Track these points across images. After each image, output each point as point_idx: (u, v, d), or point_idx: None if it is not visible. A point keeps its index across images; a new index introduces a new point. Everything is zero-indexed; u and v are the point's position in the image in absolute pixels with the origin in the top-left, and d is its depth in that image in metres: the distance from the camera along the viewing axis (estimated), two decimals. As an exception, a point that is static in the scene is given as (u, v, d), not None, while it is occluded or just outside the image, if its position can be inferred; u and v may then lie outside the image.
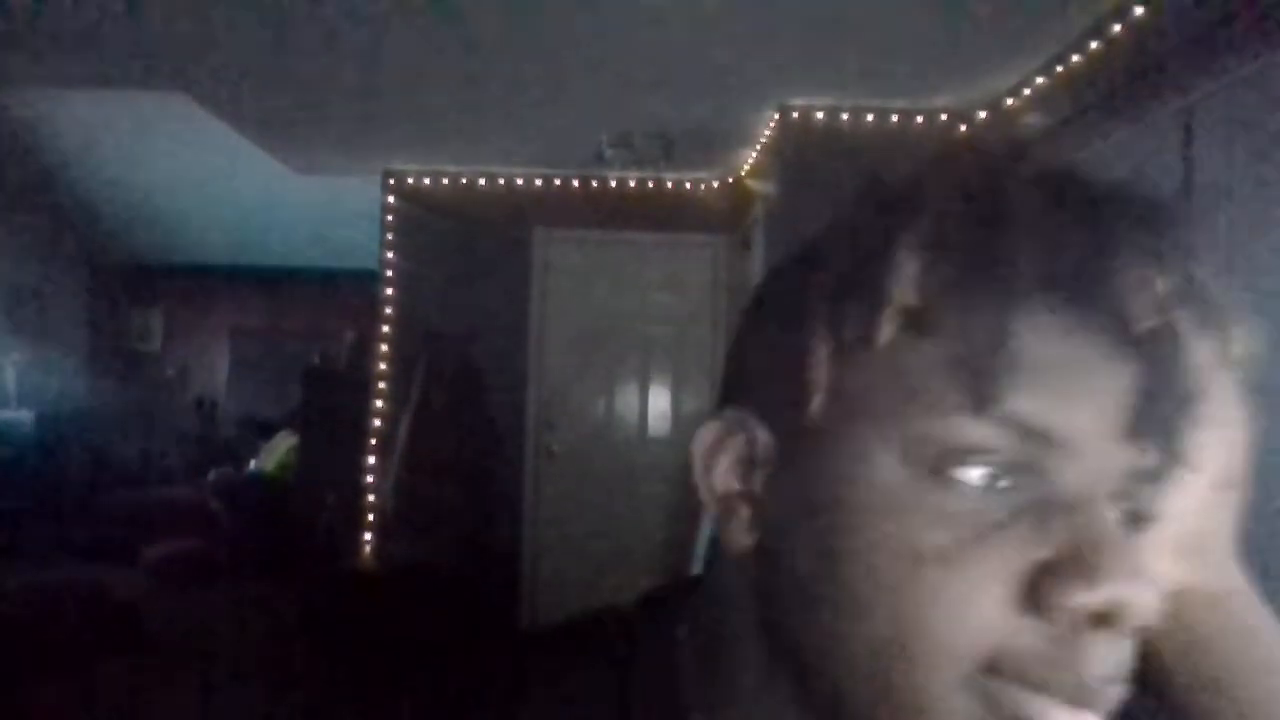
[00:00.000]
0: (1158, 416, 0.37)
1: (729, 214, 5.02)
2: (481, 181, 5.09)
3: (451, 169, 5.08)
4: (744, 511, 0.46)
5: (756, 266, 4.51)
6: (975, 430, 0.37)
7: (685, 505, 4.81)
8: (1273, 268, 2.19)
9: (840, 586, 0.40)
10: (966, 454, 0.38)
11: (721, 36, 3.23)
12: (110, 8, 3.11)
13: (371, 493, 4.96)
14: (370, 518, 4.95)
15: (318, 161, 5.09)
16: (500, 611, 4.85)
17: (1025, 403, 0.37)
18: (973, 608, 0.37)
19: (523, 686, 0.60)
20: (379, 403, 5.02)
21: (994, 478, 0.38)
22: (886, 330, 0.40)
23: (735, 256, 5.06)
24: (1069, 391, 0.37)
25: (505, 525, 5.01)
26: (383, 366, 5.04)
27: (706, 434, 0.47)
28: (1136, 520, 0.40)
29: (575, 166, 4.94)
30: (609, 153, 4.46)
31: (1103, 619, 0.37)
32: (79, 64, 3.77)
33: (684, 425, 5.16)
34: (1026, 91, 3.49)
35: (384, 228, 5.11)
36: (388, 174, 5.09)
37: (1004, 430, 0.37)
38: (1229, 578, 0.49)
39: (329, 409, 5.68)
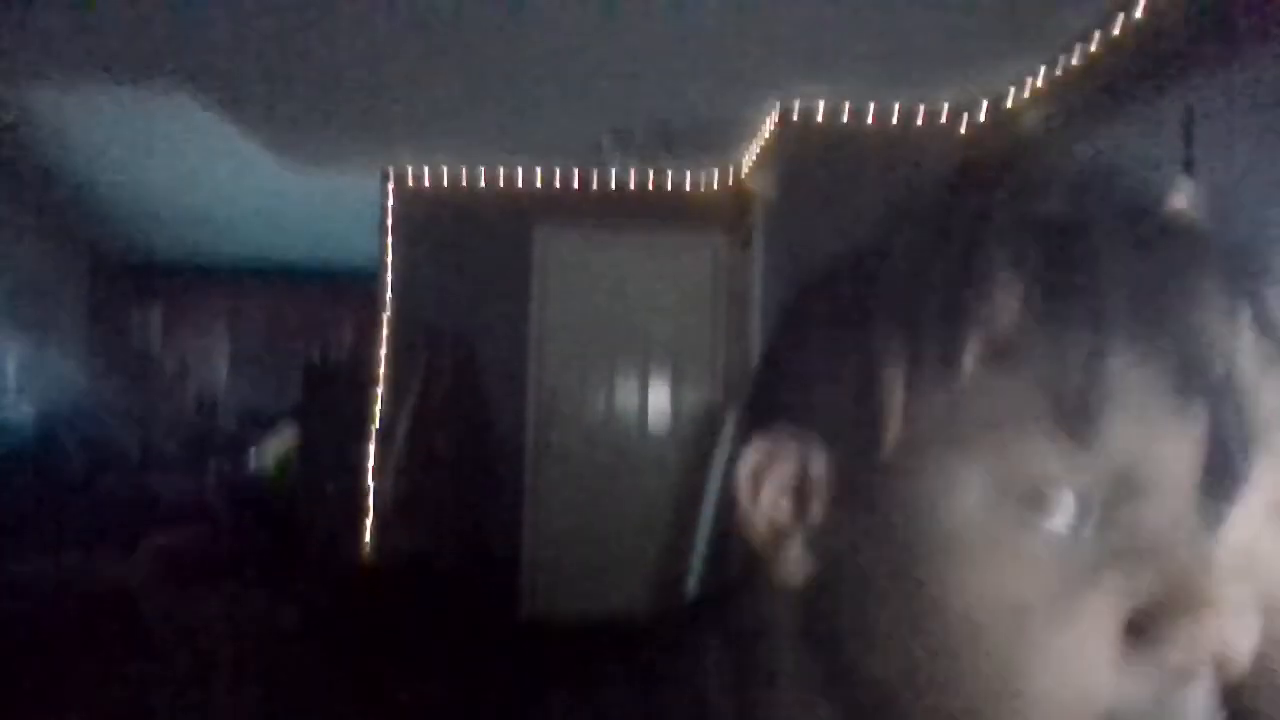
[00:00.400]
0: (1229, 462, 0.36)
1: (729, 211, 5.02)
2: (481, 178, 5.09)
3: (452, 165, 5.08)
4: (797, 542, 0.42)
5: (756, 264, 4.51)
6: (1066, 460, 0.36)
7: (685, 501, 4.81)
8: (1275, 260, 2.18)
9: (923, 633, 0.38)
10: (1059, 489, 0.36)
11: (722, 33, 3.23)
12: (111, 3, 3.11)
13: (371, 488, 4.96)
14: (370, 513, 4.95)
15: (318, 158, 5.09)
16: (500, 606, 4.85)
17: (1118, 439, 0.36)
18: (1075, 659, 0.36)
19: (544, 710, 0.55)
20: (379, 398, 5.02)
21: (1084, 518, 0.36)
22: (970, 360, 0.38)
23: (735, 254, 5.06)
24: (1156, 432, 0.36)
25: (504, 521, 5.01)
26: (382, 363, 5.04)
27: (754, 454, 0.43)
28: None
29: (575, 163, 4.94)
30: (609, 150, 4.46)
31: (1206, 661, 0.35)
32: (79, 61, 3.77)
33: (683, 421, 5.16)
34: (1028, 88, 3.49)
35: (384, 224, 5.11)
36: (387, 170, 5.09)
37: (1097, 461, 0.36)
38: None
39: (329, 405, 5.67)
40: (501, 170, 5.08)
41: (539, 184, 5.10)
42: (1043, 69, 3.35)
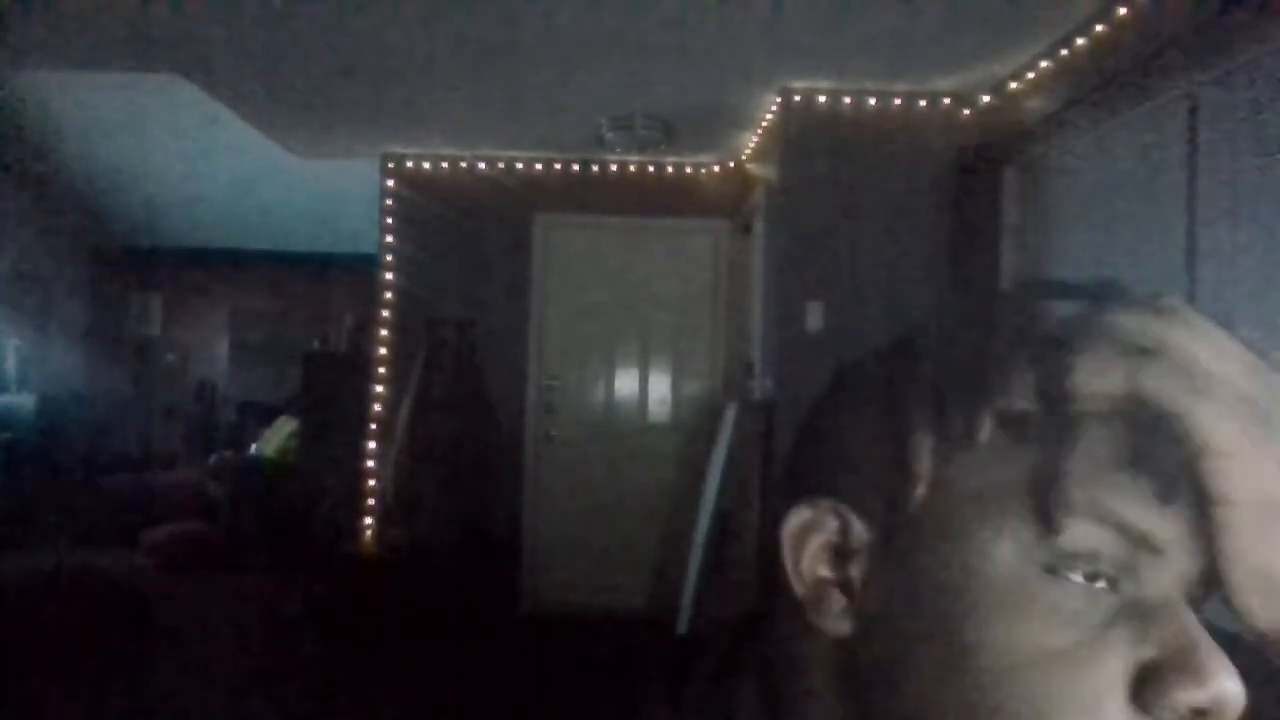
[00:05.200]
0: (1200, 523, 0.40)
1: (730, 198, 5.01)
2: (481, 165, 5.07)
3: (451, 153, 5.06)
4: (837, 599, 0.47)
5: (758, 250, 4.49)
6: (1084, 532, 0.40)
7: (685, 491, 4.81)
8: (1277, 248, 2.18)
9: (956, 684, 0.42)
10: (1077, 555, 0.40)
11: (723, 19, 3.21)
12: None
13: (372, 477, 4.96)
14: (370, 502, 4.95)
15: (317, 145, 5.07)
16: (499, 596, 4.86)
17: (1130, 508, 0.40)
18: (1094, 708, 0.39)
19: None
20: (379, 387, 5.02)
21: (1097, 579, 0.41)
22: (991, 433, 0.42)
23: (736, 240, 5.05)
24: (1160, 500, 0.40)
25: (505, 510, 5.02)
26: (383, 351, 5.04)
27: (796, 519, 0.48)
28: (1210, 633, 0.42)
29: (575, 150, 4.92)
30: (609, 136, 4.44)
31: (1203, 715, 0.39)
32: (78, 47, 3.75)
33: (684, 411, 5.15)
34: (1030, 75, 3.47)
35: (383, 212, 5.09)
36: (387, 158, 5.07)
37: (1110, 533, 0.40)
38: None
39: (329, 394, 5.68)
40: (501, 158, 5.06)
41: (539, 170, 5.08)
42: (1046, 54, 3.33)
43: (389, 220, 5.09)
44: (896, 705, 0.44)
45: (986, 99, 3.80)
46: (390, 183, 5.09)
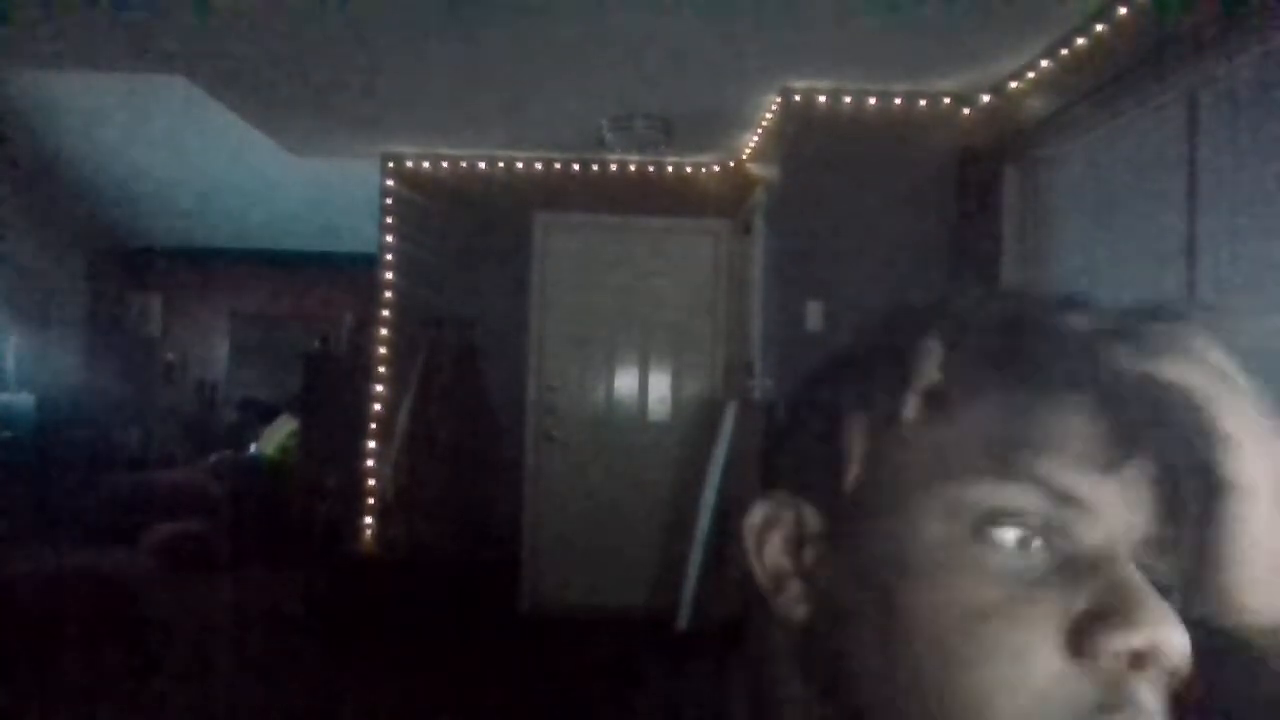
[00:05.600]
0: (1167, 492, 0.43)
1: (730, 198, 5.01)
2: (481, 165, 5.07)
3: (451, 152, 5.06)
4: (795, 586, 0.49)
5: (758, 250, 4.49)
6: (1008, 493, 0.42)
7: (685, 490, 4.81)
8: (1277, 247, 2.18)
9: (896, 649, 0.43)
10: (1002, 515, 0.42)
11: (723, 18, 3.21)
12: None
13: (372, 477, 4.96)
14: (370, 502, 4.95)
15: (317, 144, 5.07)
16: (499, 595, 4.86)
17: (1053, 470, 0.42)
18: (1025, 658, 0.41)
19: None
20: (379, 387, 5.02)
21: (1028, 538, 0.42)
22: (913, 408, 0.45)
23: (736, 240, 5.05)
24: (1091, 463, 0.42)
25: (505, 509, 5.02)
26: (383, 351, 5.04)
27: (756, 514, 0.51)
28: (1160, 590, 0.42)
29: (576, 150, 4.92)
30: (609, 136, 4.44)
31: (1141, 660, 0.40)
32: (77, 47, 3.75)
33: (684, 411, 5.15)
34: (1030, 75, 3.47)
35: (383, 211, 5.09)
36: (387, 157, 5.07)
37: (1034, 494, 0.42)
38: None
39: (329, 393, 5.67)
40: (501, 158, 5.06)
41: (539, 170, 5.08)
42: (1046, 53, 3.33)
43: (389, 220, 5.08)
44: (849, 681, 0.46)
45: (987, 99, 3.80)
46: (390, 182, 5.09)
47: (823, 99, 3.92)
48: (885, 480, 0.46)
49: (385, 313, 5.05)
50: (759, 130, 4.42)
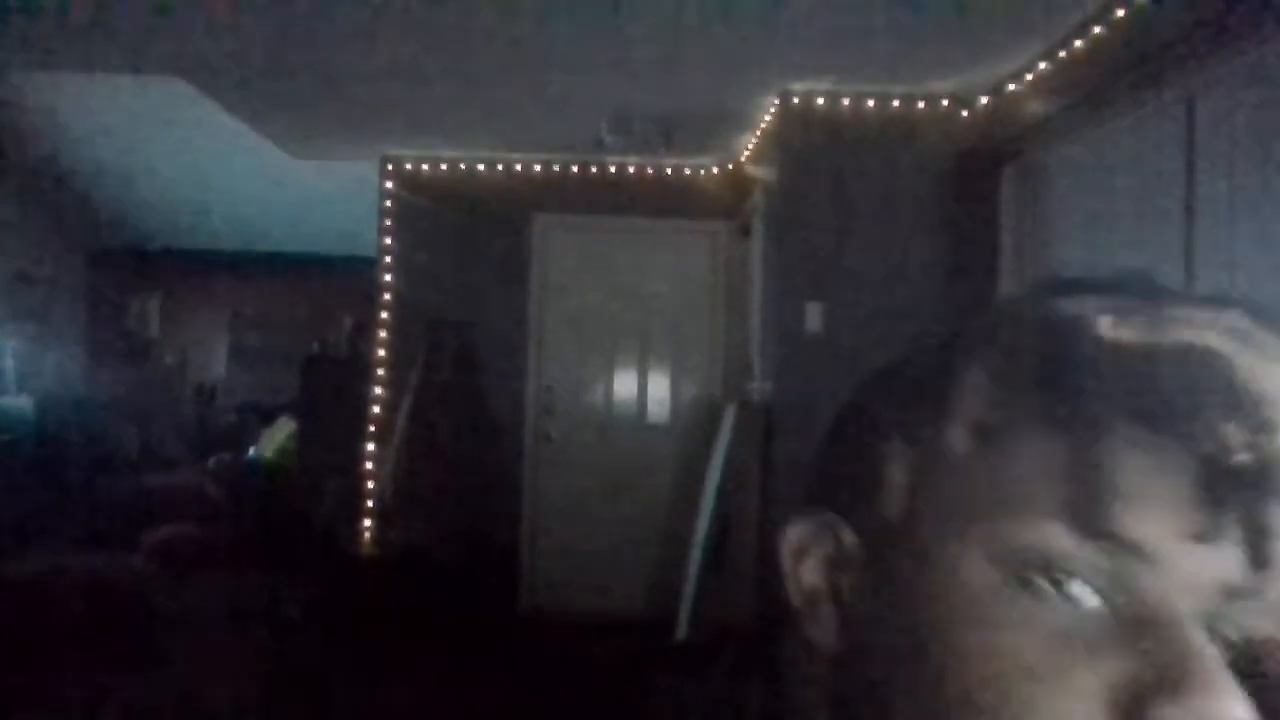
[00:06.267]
0: (1249, 538, 0.37)
1: (729, 200, 5.01)
2: (480, 166, 5.07)
3: (450, 154, 5.06)
4: (829, 611, 0.46)
5: (756, 252, 4.49)
6: (1075, 544, 0.38)
7: (683, 492, 4.81)
8: (1275, 249, 2.18)
9: (930, 698, 0.40)
10: (1055, 564, 0.38)
11: (722, 20, 3.21)
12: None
13: (370, 479, 4.96)
14: (369, 504, 4.95)
15: (316, 147, 5.07)
16: (498, 598, 4.86)
17: (1115, 515, 0.37)
18: None
19: None
20: (378, 389, 5.01)
21: (1082, 592, 0.38)
22: (960, 440, 0.42)
23: (735, 242, 5.05)
24: (1160, 510, 0.37)
25: (504, 511, 5.01)
26: (381, 353, 5.03)
27: (794, 532, 0.48)
28: (1230, 647, 0.39)
29: (575, 152, 4.92)
30: (608, 138, 4.44)
31: None
32: (77, 49, 3.75)
33: (683, 412, 5.15)
34: (1029, 77, 3.47)
35: (382, 213, 5.09)
36: (386, 159, 5.07)
37: (1092, 541, 0.38)
38: None
39: (328, 395, 5.67)
40: (500, 160, 5.06)
41: (538, 171, 5.08)
42: (1045, 55, 3.33)
43: (388, 222, 5.08)
44: (882, 717, 0.43)
45: (985, 100, 3.80)
46: (389, 184, 5.09)
47: (821, 101, 3.92)
48: (929, 514, 0.42)
49: (384, 314, 5.05)
50: (758, 132, 4.42)
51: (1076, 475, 0.38)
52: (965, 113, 3.90)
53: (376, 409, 5.00)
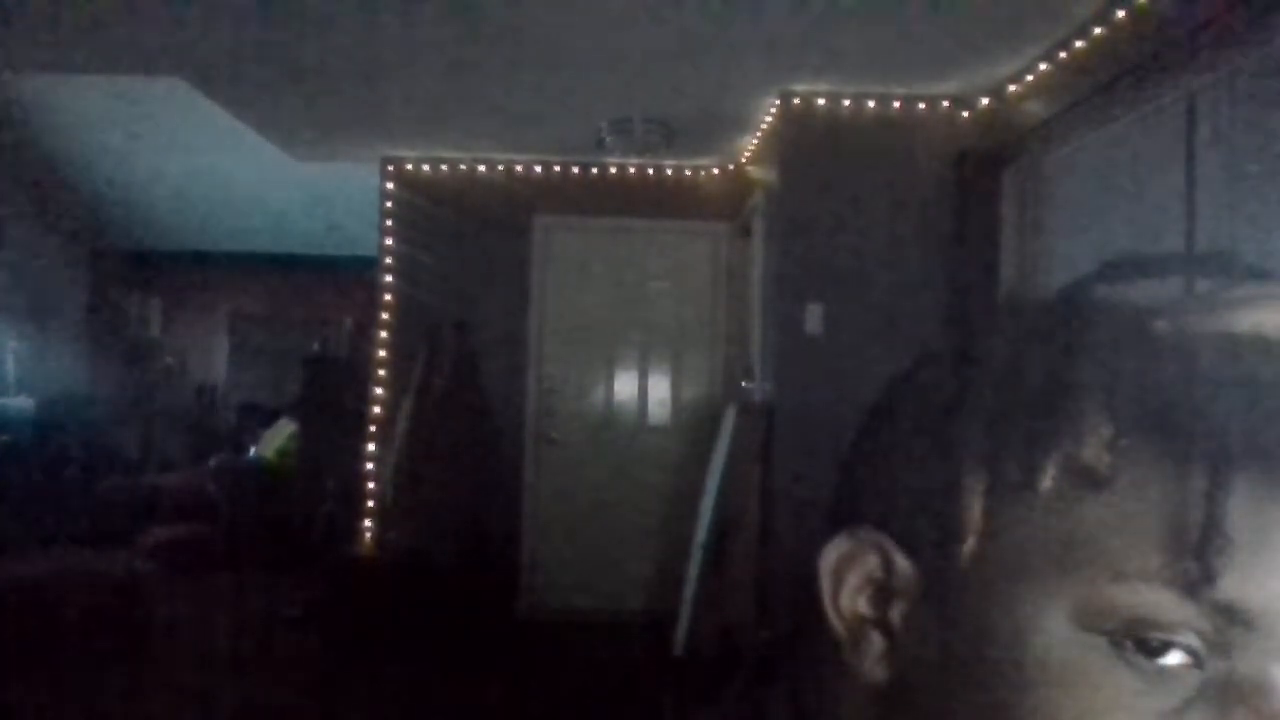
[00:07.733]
0: None
1: (730, 201, 5.00)
2: (481, 168, 5.07)
3: (451, 155, 5.05)
4: (876, 640, 0.42)
5: (757, 253, 4.49)
6: (1176, 607, 0.34)
7: (684, 494, 4.81)
8: (1277, 251, 2.17)
9: None
10: (1152, 627, 0.35)
11: (723, 22, 3.21)
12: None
13: (371, 480, 4.96)
14: (369, 505, 4.95)
15: (317, 148, 5.07)
16: (498, 599, 4.85)
17: (1235, 583, 0.34)
18: None
19: None
20: (378, 390, 5.01)
21: (1178, 659, 0.35)
22: (1054, 480, 0.37)
23: (736, 243, 5.05)
24: (1275, 572, 0.34)
25: (504, 513, 5.01)
26: (382, 354, 5.03)
27: (834, 549, 0.43)
28: None
29: (575, 153, 4.92)
30: (609, 139, 4.44)
31: None
32: (77, 50, 3.75)
33: (683, 414, 5.15)
34: (1029, 78, 3.47)
35: (383, 214, 5.09)
36: (386, 160, 5.07)
37: (1195, 604, 0.34)
38: None
39: (329, 396, 5.67)
40: (501, 161, 5.06)
41: (538, 173, 5.08)
42: (1045, 57, 3.33)
43: (388, 223, 5.08)
44: None
45: (985, 102, 3.80)
46: (390, 185, 5.09)
47: (822, 102, 3.92)
48: (1008, 557, 0.38)
49: (384, 315, 5.05)
50: (758, 133, 4.42)
51: (1191, 534, 0.34)
52: (966, 114, 3.90)
53: (376, 409, 4.99)
